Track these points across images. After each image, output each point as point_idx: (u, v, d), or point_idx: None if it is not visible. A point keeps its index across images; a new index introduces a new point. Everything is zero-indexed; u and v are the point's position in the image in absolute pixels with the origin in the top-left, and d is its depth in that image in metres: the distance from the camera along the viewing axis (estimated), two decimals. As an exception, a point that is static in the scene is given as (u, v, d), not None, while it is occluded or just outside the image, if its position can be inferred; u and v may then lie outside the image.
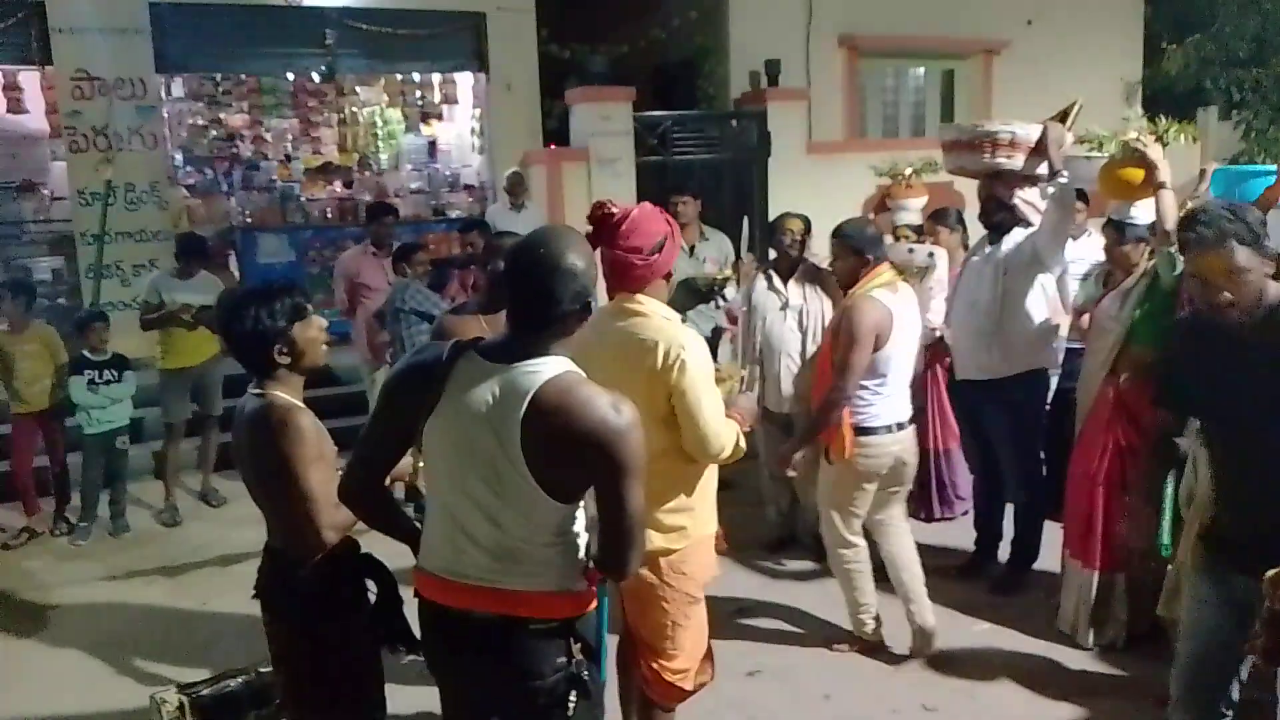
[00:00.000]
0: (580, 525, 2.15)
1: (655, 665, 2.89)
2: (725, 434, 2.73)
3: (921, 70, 11.09)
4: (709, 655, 3.00)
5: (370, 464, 2.21)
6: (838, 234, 3.96)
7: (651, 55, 10.35)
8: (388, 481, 2.35)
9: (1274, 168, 3.75)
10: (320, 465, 2.43)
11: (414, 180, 11.06)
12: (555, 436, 1.97)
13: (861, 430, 3.86)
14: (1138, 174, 3.94)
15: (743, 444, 2.81)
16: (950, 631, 4.27)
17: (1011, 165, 4.41)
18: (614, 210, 2.72)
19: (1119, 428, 3.97)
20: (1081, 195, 4.82)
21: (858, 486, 3.96)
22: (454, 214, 10.14)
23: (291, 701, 2.64)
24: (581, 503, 2.13)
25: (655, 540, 2.72)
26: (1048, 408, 4.76)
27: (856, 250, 3.89)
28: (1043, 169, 4.35)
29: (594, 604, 2.23)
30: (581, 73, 9.17)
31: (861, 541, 4.07)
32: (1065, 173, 4.24)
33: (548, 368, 2.02)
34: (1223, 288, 2.43)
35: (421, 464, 2.26)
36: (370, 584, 2.60)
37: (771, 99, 9.53)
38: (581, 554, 2.16)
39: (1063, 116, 4.55)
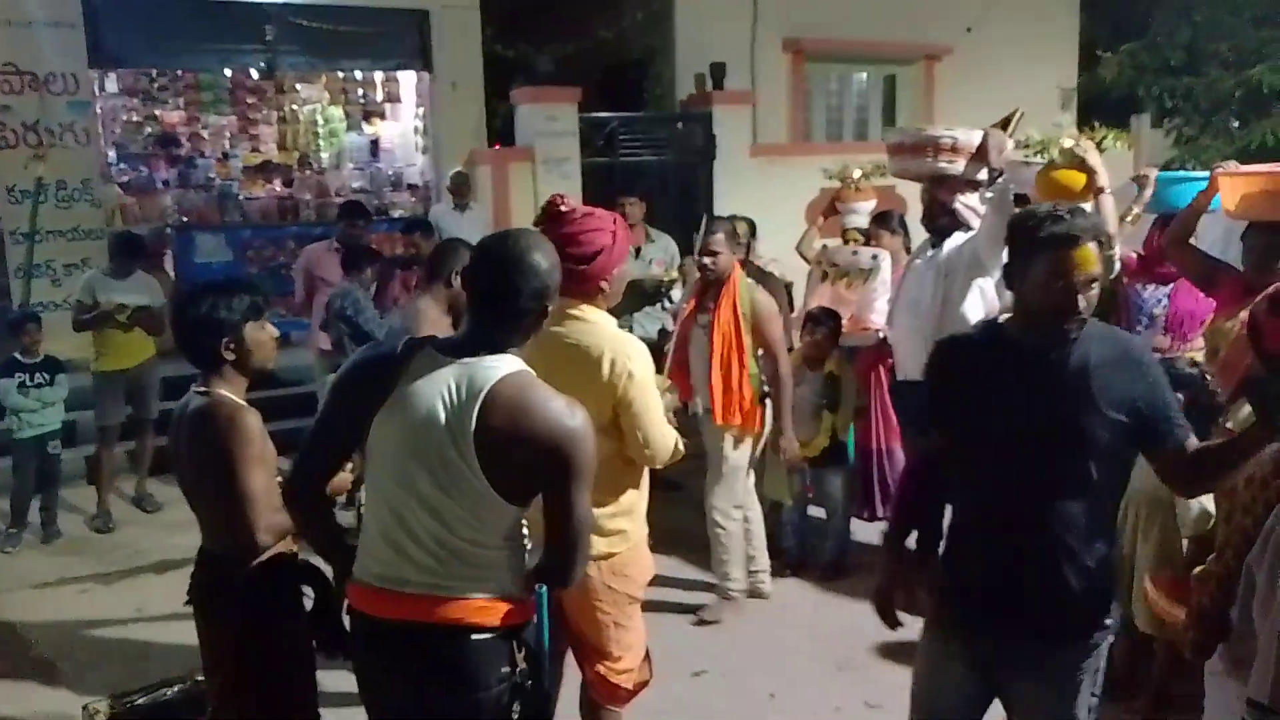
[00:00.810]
0: (525, 531, 2.12)
1: (600, 668, 2.89)
2: (668, 440, 2.77)
3: (865, 75, 11.23)
4: (647, 655, 3.02)
5: (314, 465, 2.17)
6: (724, 234, 4.29)
7: (598, 56, 10.34)
8: (327, 491, 2.29)
9: (1206, 174, 3.83)
10: (262, 467, 2.40)
11: (356, 179, 10.91)
12: (509, 433, 1.95)
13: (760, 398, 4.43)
14: (1078, 179, 4.00)
15: (681, 448, 2.84)
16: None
17: (953, 170, 4.48)
18: (565, 208, 2.71)
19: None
20: (1019, 200, 4.91)
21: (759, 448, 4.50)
22: (397, 214, 10.04)
23: (225, 708, 2.59)
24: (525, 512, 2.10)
25: (598, 545, 2.71)
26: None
27: (740, 245, 4.38)
28: (983, 174, 4.43)
29: (535, 612, 2.21)
30: (527, 72, 9.13)
31: None
32: (1004, 177, 4.32)
33: (504, 365, 2.01)
34: (1081, 292, 2.05)
35: (352, 483, 2.22)
36: (306, 590, 2.57)
37: (717, 102, 9.58)
38: (526, 560, 2.13)
39: (1004, 124, 4.63)
